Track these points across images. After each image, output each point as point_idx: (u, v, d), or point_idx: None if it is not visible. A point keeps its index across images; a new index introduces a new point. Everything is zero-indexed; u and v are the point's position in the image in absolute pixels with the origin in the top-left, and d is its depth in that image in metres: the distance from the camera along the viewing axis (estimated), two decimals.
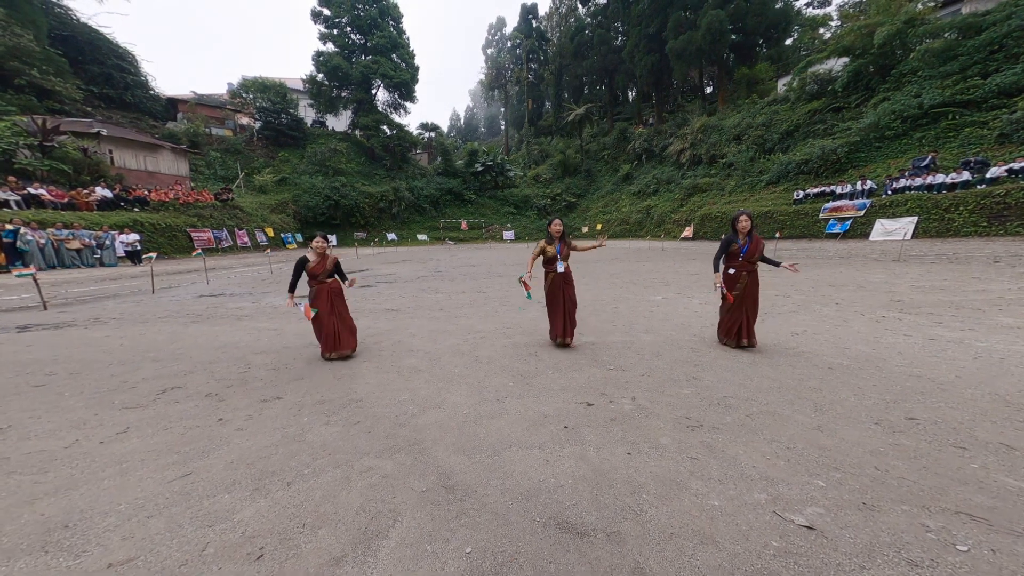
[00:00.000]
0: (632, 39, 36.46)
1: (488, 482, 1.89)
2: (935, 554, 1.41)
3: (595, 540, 1.51)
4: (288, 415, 2.66)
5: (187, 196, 18.47)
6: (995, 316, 4.58)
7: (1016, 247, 9.90)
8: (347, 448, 2.23)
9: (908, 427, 2.33)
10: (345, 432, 2.41)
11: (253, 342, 4.45)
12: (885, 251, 11.47)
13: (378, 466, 2.05)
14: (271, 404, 2.83)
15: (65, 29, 24.26)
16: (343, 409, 2.72)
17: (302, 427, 2.48)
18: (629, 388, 2.98)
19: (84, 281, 9.68)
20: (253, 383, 3.24)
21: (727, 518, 1.63)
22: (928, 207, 13.60)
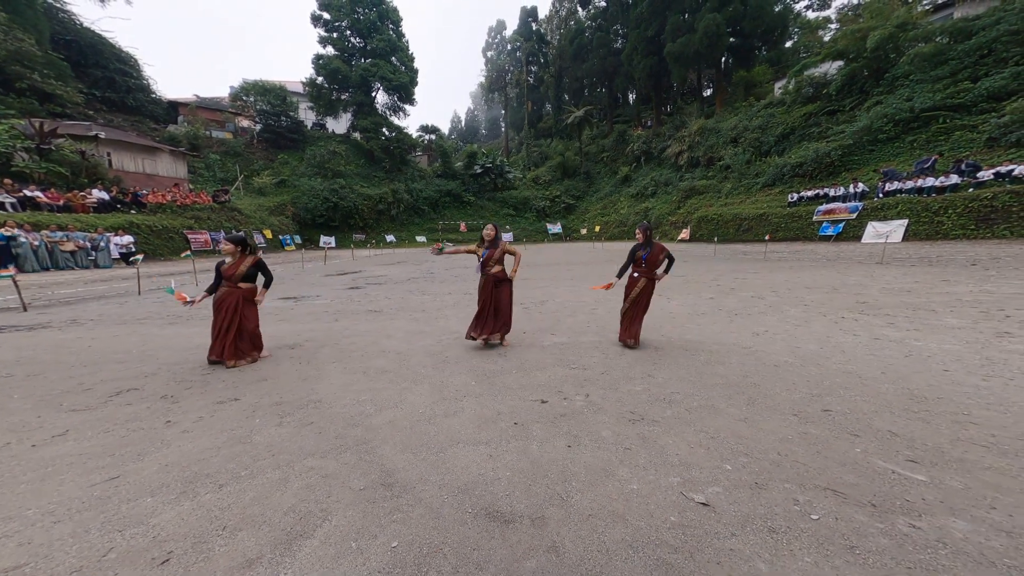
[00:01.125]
0: (631, 42, 36.70)
1: (428, 478, 1.95)
2: (792, 522, 1.62)
3: (520, 526, 1.61)
4: (240, 417, 2.67)
5: (184, 198, 18.70)
6: (945, 317, 4.74)
7: (999, 250, 9.99)
8: (293, 449, 2.24)
9: (820, 417, 2.51)
10: (295, 433, 2.43)
11: None
12: (872, 253, 11.56)
13: (320, 466, 2.07)
14: (226, 406, 2.84)
15: (68, 34, 24.65)
16: (299, 410, 2.75)
17: (252, 429, 2.49)
18: (585, 386, 3.09)
19: (74, 283, 9.72)
20: (215, 384, 3.26)
21: (641, 499, 1.77)
22: (918, 210, 13.68)
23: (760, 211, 21.07)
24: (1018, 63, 14.55)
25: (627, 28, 38.02)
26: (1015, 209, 11.01)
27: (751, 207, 22.40)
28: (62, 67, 21.48)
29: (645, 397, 2.87)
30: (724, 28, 30.61)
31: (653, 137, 37.18)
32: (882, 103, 18.88)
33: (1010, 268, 7.88)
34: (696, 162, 31.86)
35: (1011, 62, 14.79)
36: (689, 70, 35.30)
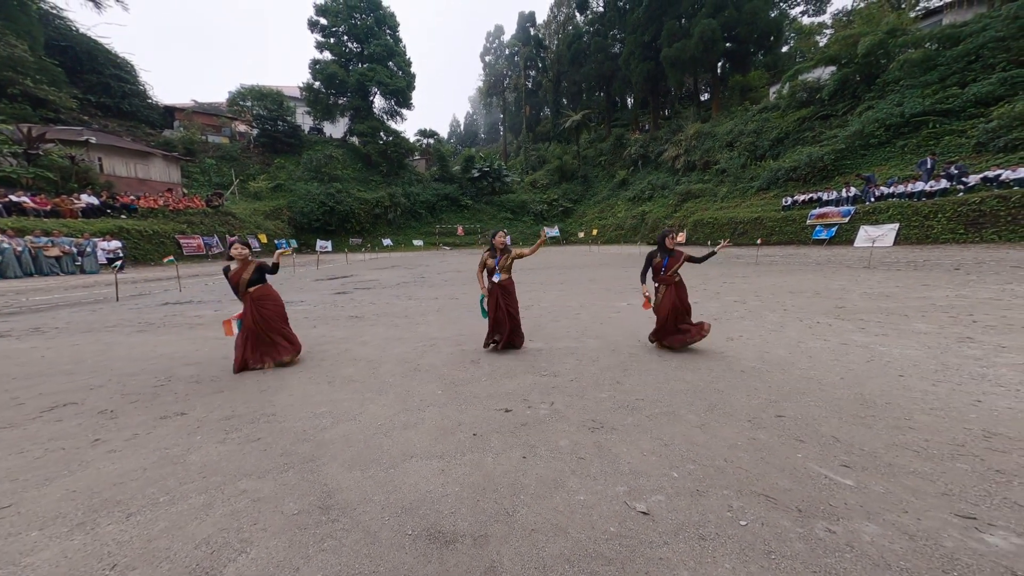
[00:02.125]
0: (628, 47, 37.02)
1: (372, 497, 1.85)
2: (722, 529, 1.64)
3: (460, 546, 1.56)
4: (181, 433, 2.52)
5: (177, 203, 18.69)
6: (914, 322, 4.75)
7: (986, 254, 10.02)
8: (229, 469, 2.11)
9: (772, 423, 2.52)
10: (237, 451, 2.30)
11: (192, 352, 4.35)
12: (862, 257, 11.58)
13: (254, 488, 1.94)
14: (169, 421, 2.70)
15: (63, 40, 24.76)
16: (249, 425, 2.62)
17: (189, 447, 2.35)
18: (552, 394, 3.05)
19: (54, 289, 9.59)
20: (164, 397, 3.12)
21: (585, 510, 1.75)
22: (909, 214, 13.73)
23: (755, 215, 21.16)
24: (1005, 69, 14.70)
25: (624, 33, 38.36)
26: (1002, 213, 11.06)
27: (746, 211, 22.49)
28: (56, 72, 21.55)
29: (609, 404, 2.84)
30: (719, 34, 30.91)
31: (650, 141, 37.39)
32: (874, 108, 19.03)
33: (991, 273, 7.91)
34: (692, 166, 32.03)
35: (998, 68, 14.94)
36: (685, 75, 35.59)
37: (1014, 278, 7.22)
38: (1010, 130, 12.88)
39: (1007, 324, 4.48)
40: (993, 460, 2.04)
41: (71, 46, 25.17)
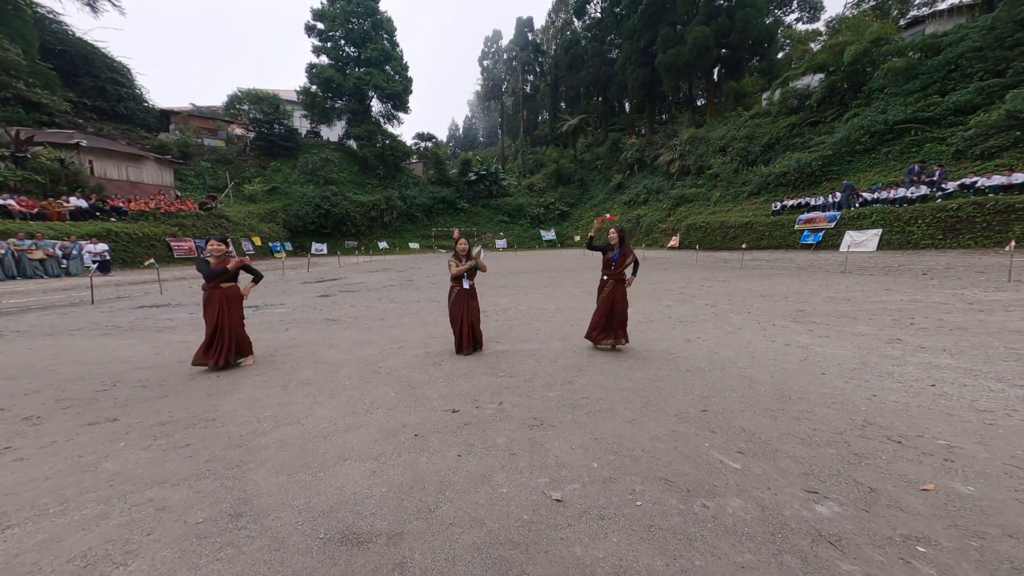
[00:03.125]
0: (624, 52, 37.49)
1: (291, 503, 1.82)
2: (620, 510, 1.77)
3: (373, 546, 1.56)
4: (104, 440, 2.44)
5: (169, 206, 18.77)
6: (859, 325, 4.92)
7: (959, 260, 10.22)
8: (143, 477, 2.04)
9: (696, 417, 2.67)
10: (159, 457, 2.24)
11: (151, 356, 4.29)
12: (844, 262, 11.76)
13: (163, 497, 1.88)
14: (97, 427, 2.62)
15: (60, 44, 24.91)
16: (183, 431, 2.56)
17: (107, 454, 2.28)
18: (503, 394, 3.14)
19: (33, 292, 9.51)
20: (102, 402, 3.04)
21: (505, 501, 1.83)
22: (891, 220, 13.94)
23: (746, 219, 21.39)
24: (982, 79, 15.01)
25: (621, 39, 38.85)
26: (978, 220, 11.27)
27: (737, 215, 22.73)
28: (50, 76, 21.67)
29: (555, 403, 2.94)
30: (712, 40, 31.34)
31: (646, 145, 37.75)
32: (859, 115, 19.35)
33: (954, 278, 8.11)
34: (687, 170, 32.35)
35: (976, 77, 15.26)
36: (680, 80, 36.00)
37: (971, 283, 7.42)
38: (986, 138, 13.15)
39: (939, 327, 4.68)
40: (858, 446, 2.27)
41: (67, 50, 25.33)
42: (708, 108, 36.20)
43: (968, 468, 2.01)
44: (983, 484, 1.87)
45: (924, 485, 1.87)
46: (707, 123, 34.14)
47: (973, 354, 3.69)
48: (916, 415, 2.60)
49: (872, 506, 1.75)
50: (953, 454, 2.14)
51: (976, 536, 1.55)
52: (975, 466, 2.02)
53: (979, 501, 1.75)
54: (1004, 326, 4.55)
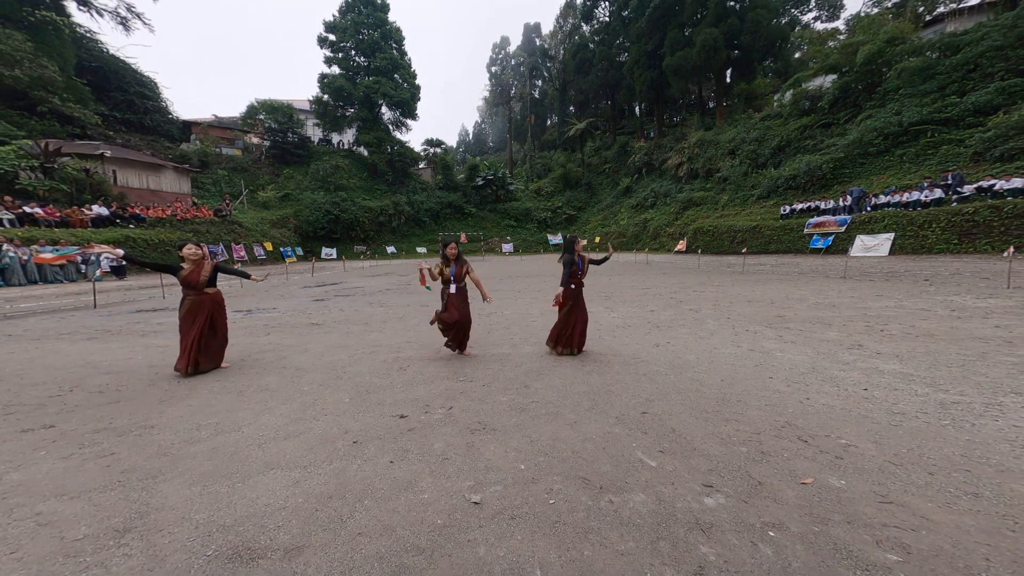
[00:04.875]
0: (632, 55, 37.41)
1: (193, 516, 1.76)
2: (532, 508, 1.83)
3: (264, 562, 1.51)
4: (27, 448, 2.40)
5: (185, 213, 19.66)
6: (829, 331, 4.90)
7: (969, 265, 9.77)
8: (46, 488, 1.99)
9: (634, 419, 2.70)
10: (75, 467, 2.18)
11: (123, 360, 4.31)
12: (846, 267, 11.34)
13: (54, 511, 1.81)
14: (28, 434, 2.60)
15: (95, 61, 26.67)
16: (115, 438, 2.51)
17: (22, 463, 2.24)
18: (458, 399, 3.16)
19: (46, 296, 9.78)
20: (49, 408, 3.03)
21: (422, 507, 1.83)
22: (904, 224, 13.41)
23: (754, 223, 20.92)
24: (1003, 78, 14.35)
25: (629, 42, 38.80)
26: (995, 224, 10.72)
27: (745, 219, 22.26)
28: (83, 91, 23.17)
29: (505, 407, 2.96)
30: (722, 42, 30.95)
31: (654, 148, 37.43)
32: (873, 117, 18.74)
33: (952, 284, 7.85)
34: (695, 174, 31.90)
35: (996, 77, 14.60)
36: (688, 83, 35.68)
37: (968, 290, 7.14)
38: (1006, 140, 12.53)
39: (907, 333, 4.63)
40: (768, 445, 2.33)
41: (101, 66, 27.06)
42: (717, 110, 35.68)
43: (851, 464, 2.11)
44: (855, 478, 1.99)
45: (804, 479, 1.99)
46: (716, 126, 33.63)
47: (922, 360, 3.71)
48: (835, 417, 2.66)
49: (752, 497, 1.86)
50: (847, 452, 2.23)
51: (821, 522, 1.69)
52: (859, 463, 2.12)
53: (843, 493, 1.88)
54: (971, 333, 4.51)
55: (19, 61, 18.67)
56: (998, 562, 1.45)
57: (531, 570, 1.47)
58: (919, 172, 15.54)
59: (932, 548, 1.53)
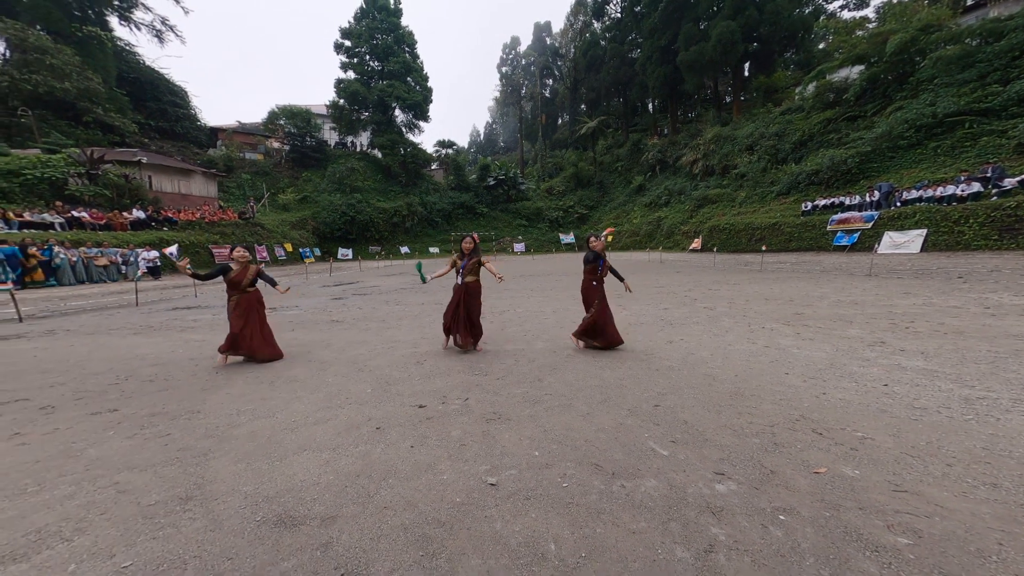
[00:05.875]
0: (645, 51, 36.88)
1: (241, 488, 1.93)
2: (546, 490, 1.92)
3: (304, 528, 1.65)
4: (98, 429, 2.64)
5: (212, 215, 20.63)
6: (851, 328, 4.79)
7: (1011, 262, 9.17)
8: (119, 462, 2.21)
9: (647, 412, 2.75)
10: (139, 446, 2.42)
11: (167, 353, 4.61)
12: (872, 265, 10.88)
13: (128, 480, 2.03)
14: (97, 417, 2.84)
15: (133, 72, 28.34)
16: (168, 421, 2.75)
17: (97, 441, 2.48)
18: (474, 391, 3.26)
19: (93, 295, 10.44)
20: (110, 394, 3.29)
21: (443, 487, 1.95)
22: (937, 219, 12.75)
23: (773, 220, 20.31)
24: None
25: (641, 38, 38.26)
26: None
27: (764, 216, 21.62)
28: (123, 102, 24.74)
29: (519, 399, 3.04)
30: (739, 35, 30.10)
31: (668, 146, 36.81)
32: (904, 108, 17.86)
33: (991, 282, 7.47)
34: (711, 170, 31.18)
35: None
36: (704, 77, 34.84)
37: (1007, 287, 6.79)
38: None
39: (935, 331, 4.50)
40: (782, 436, 2.35)
41: (138, 77, 28.73)
42: (734, 105, 34.71)
43: (866, 456, 2.11)
44: (869, 468, 2.00)
45: (817, 468, 2.00)
46: (733, 121, 32.73)
47: (949, 357, 3.61)
48: (852, 411, 2.64)
49: (763, 485, 1.90)
50: (863, 444, 2.23)
51: (832, 508, 1.72)
52: (874, 454, 2.12)
53: (856, 482, 1.89)
54: (1005, 331, 4.32)
55: (68, 74, 20.14)
56: (1011, 547, 1.45)
57: (546, 544, 1.57)
58: (955, 165, 14.74)
59: (944, 533, 1.54)
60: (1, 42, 20.07)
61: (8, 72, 19.08)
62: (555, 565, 1.47)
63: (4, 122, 19.55)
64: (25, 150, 17.29)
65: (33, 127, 19.66)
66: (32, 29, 19.92)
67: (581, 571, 1.44)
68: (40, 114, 20.26)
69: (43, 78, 19.27)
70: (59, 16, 22.34)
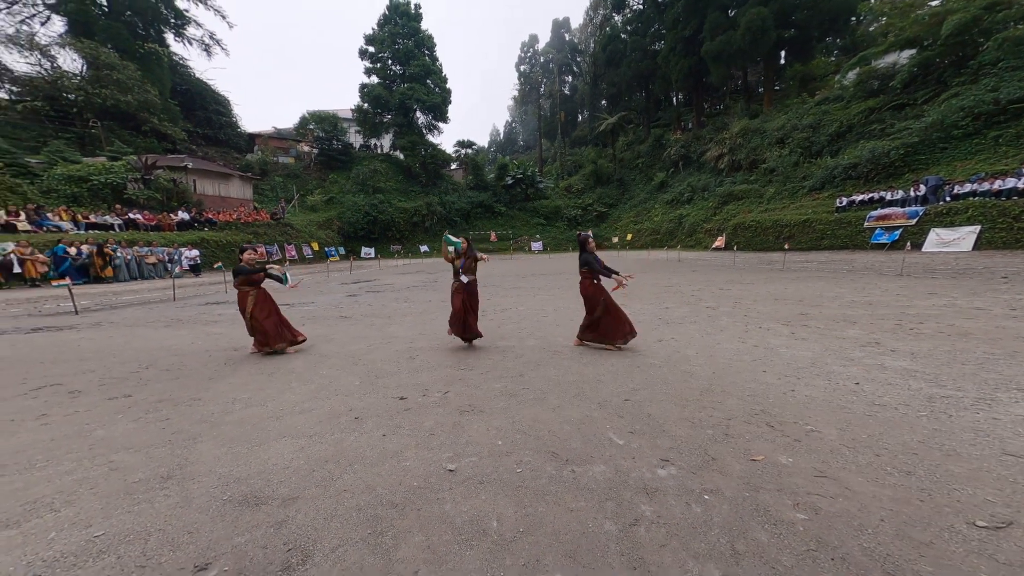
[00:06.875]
0: (668, 43, 35.69)
1: (217, 470, 2.09)
2: (500, 475, 2.03)
3: (265, 507, 1.78)
4: (110, 412, 2.88)
5: (248, 216, 22.15)
6: (850, 329, 4.71)
7: None
8: (119, 443, 2.43)
9: (615, 405, 2.83)
10: (140, 429, 2.61)
11: (189, 345, 4.95)
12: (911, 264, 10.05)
13: (121, 460, 2.21)
14: (113, 402, 3.10)
15: (184, 84, 30.93)
16: (171, 407, 2.96)
17: (106, 423, 2.72)
18: (455, 384, 3.40)
19: (142, 291, 11.26)
20: (129, 381, 3.58)
21: (403, 473, 2.08)
22: (994, 215, 11.56)
23: (804, 217, 19.14)
24: None
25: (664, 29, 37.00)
26: None
27: (794, 213, 20.41)
28: (175, 112, 27.13)
29: (497, 393, 3.16)
30: (771, 22, 28.42)
31: (692, 140, 35.44)
32: (960, 95, 16.22)
33: None
34: (737, 166, 29.74)
35: None
36: (732, 68, 33.19)
37: None
38: None
39: (939, 331, 4.42)
40: (735, 429, 2.42)
41: (189, 88, 31.30)
42: (765, 96, 32.82)
43: (806, 446, 2.21)
44: (803, 457, 2.11)
45: (755, 456, 2.12)
46: (763, 113, 30.97)
47: (937, 358, 3.59)
48: (812, 407, 2.71)
49: (701, 470, 2.02)
50: (808, 436, 2.32)
51: (753, 489, 1.85)
52: (814, 445, 2.22)
53: (785, 468, 2.01)
54: (1016, 333, 4.23)
55: (131, 88, 22.38)
56: (891, 522, 1.62)
57: (489, 522, 1.69)
58: (1017, 156, 13.26)
59: (839, 511, 1.69)
60: (81, 61, 22.37)
61: (84, 87, 21.47)
62: (494, 540, 1.59)
63: (79, 133, 22.05)
64: (93, 158, 19.43)
65: (101, 137, 22.08)
66: (104, 48, 22.32)
67: (517, 544, 1.56)
68: (107, 125, 22.68)
69: (110, 92, 21.55)
70: (126, 35, 24.88)
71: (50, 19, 25.10)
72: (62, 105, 21.81)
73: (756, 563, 1.44)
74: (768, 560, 1.45)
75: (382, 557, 1.52)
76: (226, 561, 1.50)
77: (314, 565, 1.48)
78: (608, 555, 1.50)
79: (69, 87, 21.54)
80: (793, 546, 1.51)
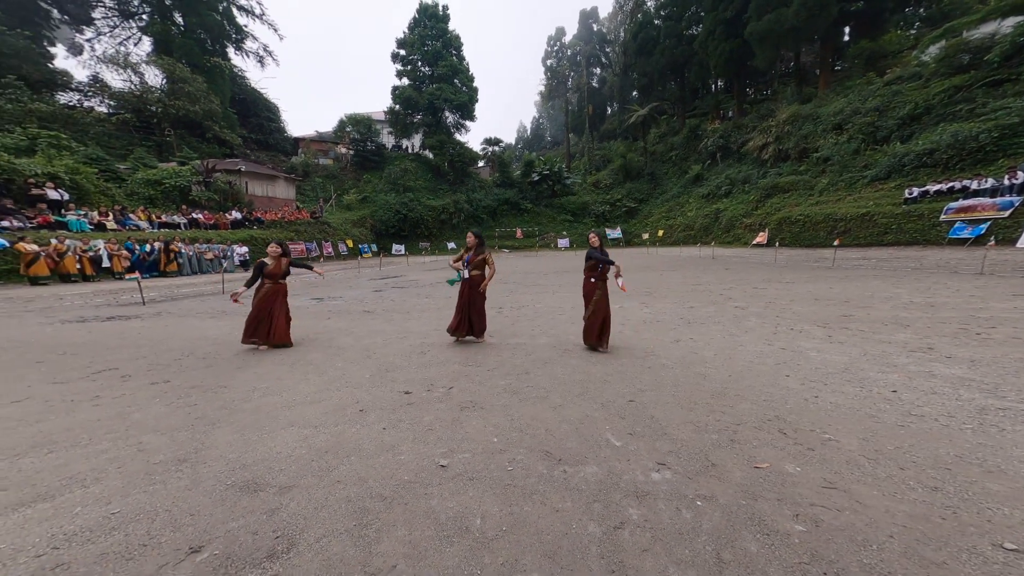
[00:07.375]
0: (707, 26, 33.41)
1: (227, 455, 2.19)
2: (492, 472, 2.02)
3: (262, 493, 1.85)
4: (149, 396, 3.06)
5: (291, 216, 23.83)
6: (900, 333, 4.37)
7: None
8: (151, 425, 2.60)
9: (618, 406, 2.74)
10: (171, 412, 2.78)
11: (226, 335, 5.21)
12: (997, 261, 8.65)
13: (149, 441, 2.37)
14: (154, 387, 3.31)
15: (241, 93, 33.94)
16: (201, 393, 3.14)
17: (144, 406, 2.90)
18: (461, 380, 3.41)
19: (199, 284, 12.05)
20: (170, 367, 3.81)
21: (397, 466, 2.11)
22: None
23: (863, 210, 17.22)
24: None
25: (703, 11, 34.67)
26: None
27: (851, 206, 18.42)
28: (233, 119, 29.93)
29: (500, 390, 3.13)
30: None
31: (732, 130, 33.06)
32: None
33: None
34: (784, 155, 27.32)
35: None
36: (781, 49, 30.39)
37: None
38: None
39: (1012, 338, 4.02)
40: (743, 435, 2.31)
41: (244, 97, 34.27)
42: (821, 78, 29.74)
43: (820, 456, 2.08)
44: (813, 467, 1.98)
45: (759, 463, 2.02)
46: (818, 97, 28.10)
47: (1001, 367, 3.26)
48: (836, 415, 2.55)
49: (698, 476, 1.95)
50: (824, 445, 2.19)
51: (751, 498, 1.76)
52: (828, 455, 2.09)
53: (791, 477, 1.89)
54: None
55: (199, 99, 25.01)
56: (900, 540, 1.46)
57: (472, 519, 1.67)
58: None
59: (843, 524, 1.57)
60: (162, 76, 25.35)
61: (162, 100, 24.37)
62: (475, 537, 1.57)
63: (157, 141, 25.06)
64: (166, 163, 21.94)
65: (174, 144, 24.96)
66: (179, 63, 25.16)
67: (497, 542, 1.53)
68: (179, 133, 25.57)
69: (183, 103, 24.25)
70: (197, 51, 27.87)
71: (140, 40, 28.80)
72: (145, 116, 24.86)
73: (741, 573, 1.36)
74: (754, 571, 1.37)
75: (363, 549, 1.53)
76: (218, 545, 1.57)
77: (297, 554, 1.51)
78: (588, 558, 1.46)
79: (151, 100, 24.45)
80: (784, 558, 1.43)
